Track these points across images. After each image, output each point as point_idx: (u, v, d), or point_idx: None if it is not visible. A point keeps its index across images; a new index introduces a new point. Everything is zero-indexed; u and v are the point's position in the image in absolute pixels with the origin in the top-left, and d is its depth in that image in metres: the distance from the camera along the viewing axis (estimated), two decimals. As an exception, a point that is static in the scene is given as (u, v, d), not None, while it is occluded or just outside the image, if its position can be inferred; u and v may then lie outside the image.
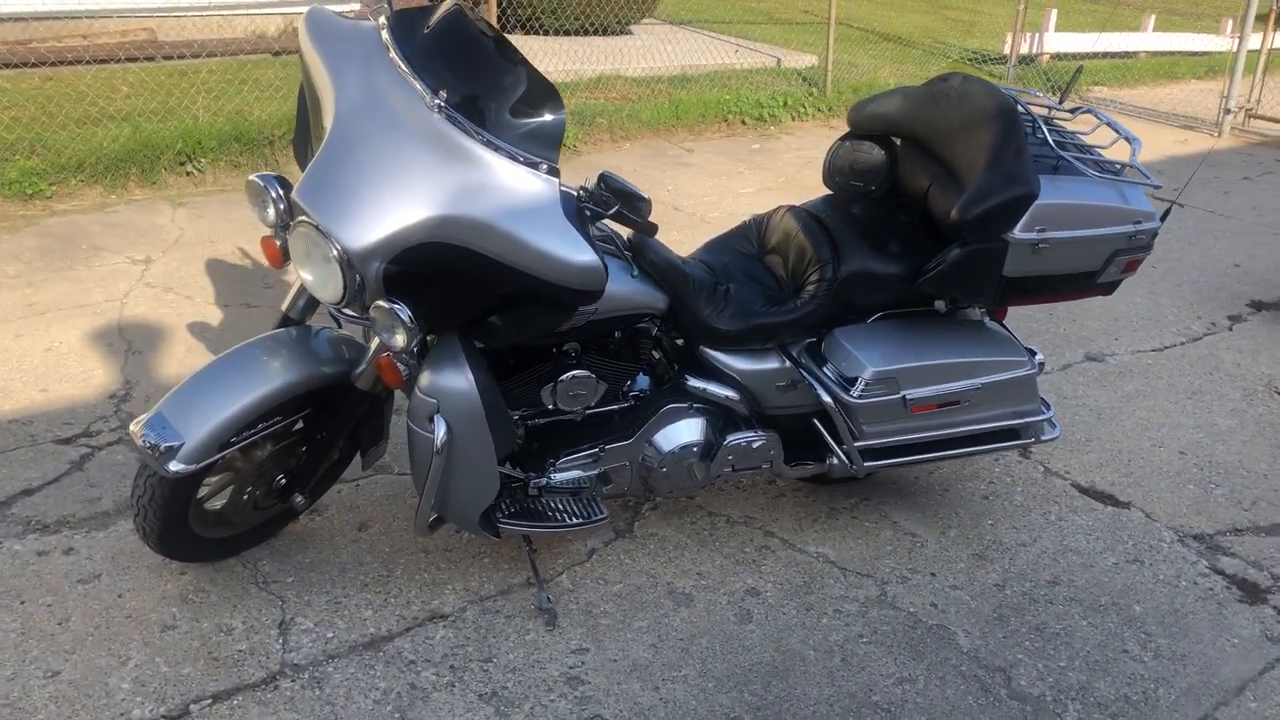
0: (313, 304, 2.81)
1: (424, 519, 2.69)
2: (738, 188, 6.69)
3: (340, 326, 2.94)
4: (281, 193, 2.57)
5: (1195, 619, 2.99)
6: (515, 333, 2.57)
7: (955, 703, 2.63)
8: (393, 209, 2.32)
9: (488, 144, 2.36)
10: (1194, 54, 12.46)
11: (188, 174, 6.02)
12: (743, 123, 8.22)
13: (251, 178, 2.59)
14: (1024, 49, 10.47)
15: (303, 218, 2.38)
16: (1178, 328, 5.00)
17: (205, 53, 7.53)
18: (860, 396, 2.86)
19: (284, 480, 2.80)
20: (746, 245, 3.16)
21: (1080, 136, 3.09)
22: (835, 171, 3.18)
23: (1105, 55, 11.53)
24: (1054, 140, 2.93)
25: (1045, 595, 3.04)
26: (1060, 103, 3.21)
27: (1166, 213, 3.06)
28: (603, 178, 2.45)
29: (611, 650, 2.72)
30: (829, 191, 3.20)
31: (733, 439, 2.97)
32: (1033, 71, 10.49)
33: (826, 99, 8.81)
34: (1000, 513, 3.42)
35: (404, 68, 2.44)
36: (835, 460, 3.08)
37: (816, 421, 3.04)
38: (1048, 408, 3.15)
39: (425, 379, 2.54)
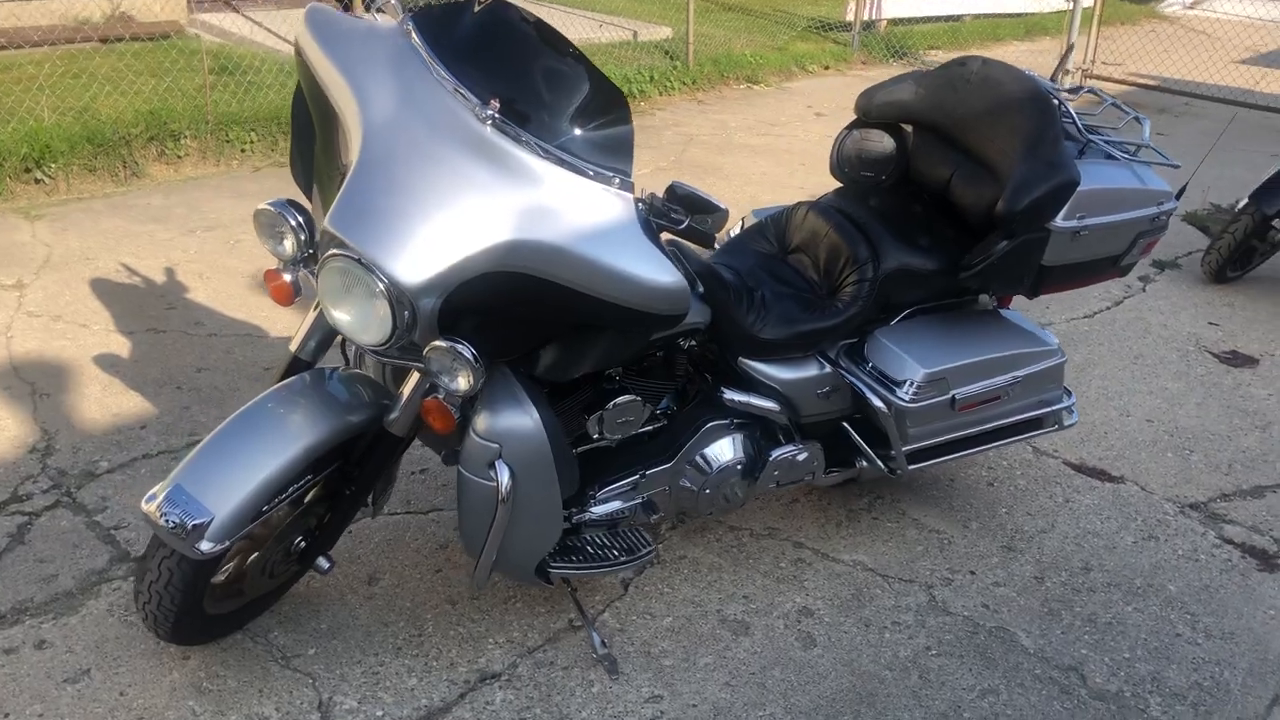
0: (325, 344, 2.49)
1: (484, 575, 2.42)
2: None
3: (349, 365, 2.62)
4: (300, 221, 2.24)
5: (1226, 593, 3.02)
6: (582, 364, 2.33)
7: (1043, 709, 2.56)
8: (450, 237, 2.04)
9: (552, 157, 2.10)
10: (1013, 15, 12.92)
11: (36, 181, 5.39)
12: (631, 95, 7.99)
13: (263, 206, 2.24)
14: (865, 15, 10.60)
15: (337, 251, 2.06)
16: (1098, 292, 5.10)
17: (23, 42, 6.77)
18: (913, 399, 2.74)
19: (303, 543, 2.47)
20: (765, 245, 2.99)
21: (1087, 117, 3.05)
22: (844, 162, 3.04)
23: (936, 19, 11.81)
24: (1082, 124, 2.87)
25: (1084, 584, 3.01)
26: (1054, 80, 3.16)
27: (1182, 190, 3.05)
28: (672, 188, 2.22)
29: (686, 694, 2.53)
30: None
31: (778, 453, 2.81)
32: (875, 38, 10.65)
33: (690, 71, 8.68)
34: (1010, 499, 3.38)
35: (443, 73, 2.15)
36: (865, 464, 2.97)
37: (847, 425, 2.92)
38: (1069, 394, 3.11)
39: (483, 422, 2.27)
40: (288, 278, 2.33)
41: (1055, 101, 2.81)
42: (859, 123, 3.04)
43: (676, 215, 2.19)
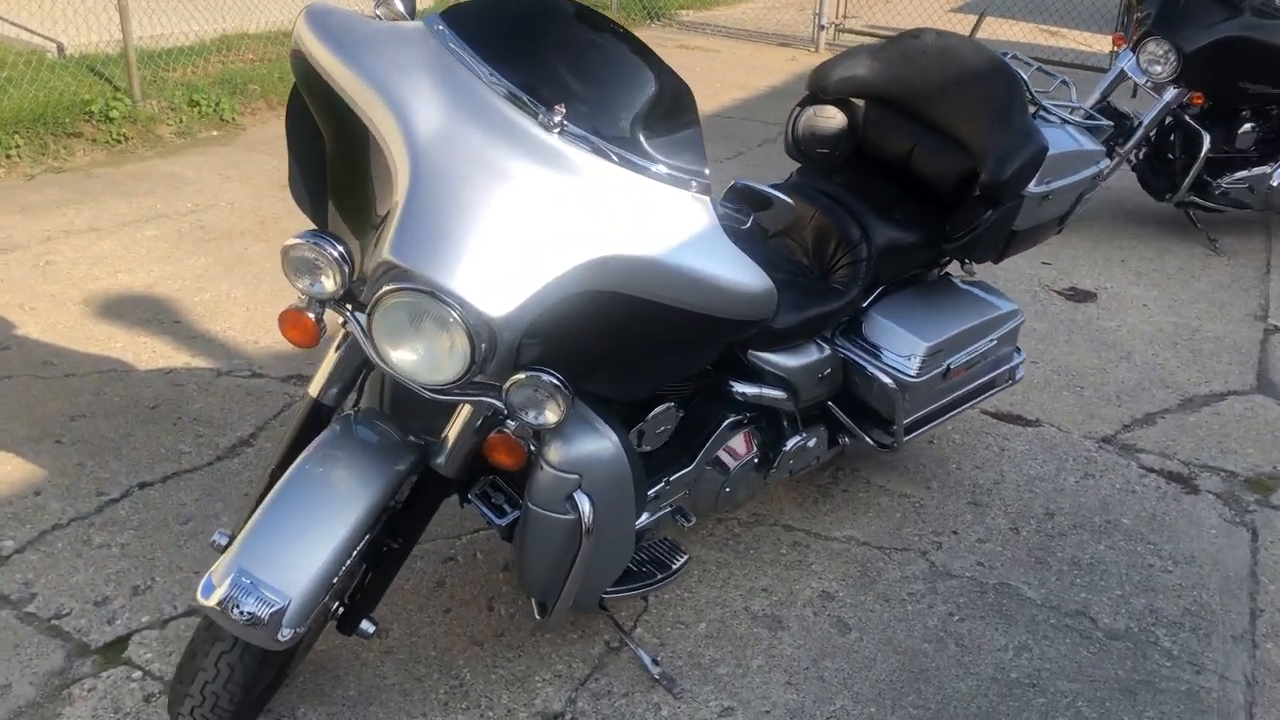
0: (348, 388, 2.22)
1: (562, 613, 2.26)
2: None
3: (358, 404, 2.35)
4: (342, 252, 1.97)
5: (1170, 519, 3.25)
6: (657, 379, 2.20)
7: (1074, 658, 2.67)
8: (529, 260, 1.85)
9: (627, 164, 1.95)
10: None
11: None
12: (394, 75, 7.60)
13: (294, 240, 1.95)
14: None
15: (401, 285, 1.83)
16: (938, 242, 5.34)
17: None
18: (919, 373, 2.76)
19: (341, 609, 2.22)
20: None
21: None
22: (800, 140, 3.01)
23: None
24: (1035, 91, 2.97)
25: (1053, 529, 3.17)
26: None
27: (1111, 149, 3.22)
28: (734, 188, 2.11)
29: (754, 702, 2.47)
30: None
31: (791, 442, 2.77)
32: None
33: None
34: (956, 455, 3.50)
35: (494, 77, 1.94)
36: (847, 441, 2.99)
37: (833, 405, 2.92)
38: (1019, 351, 3.24)
39: (557, 453, 2.10)
40: (311, 316, 2.05)
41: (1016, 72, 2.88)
42: (811, 99, 3.01)
43: (740, 215, 2.09)
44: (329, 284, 1.97)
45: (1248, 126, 5.49)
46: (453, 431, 2.10)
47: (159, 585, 2.66)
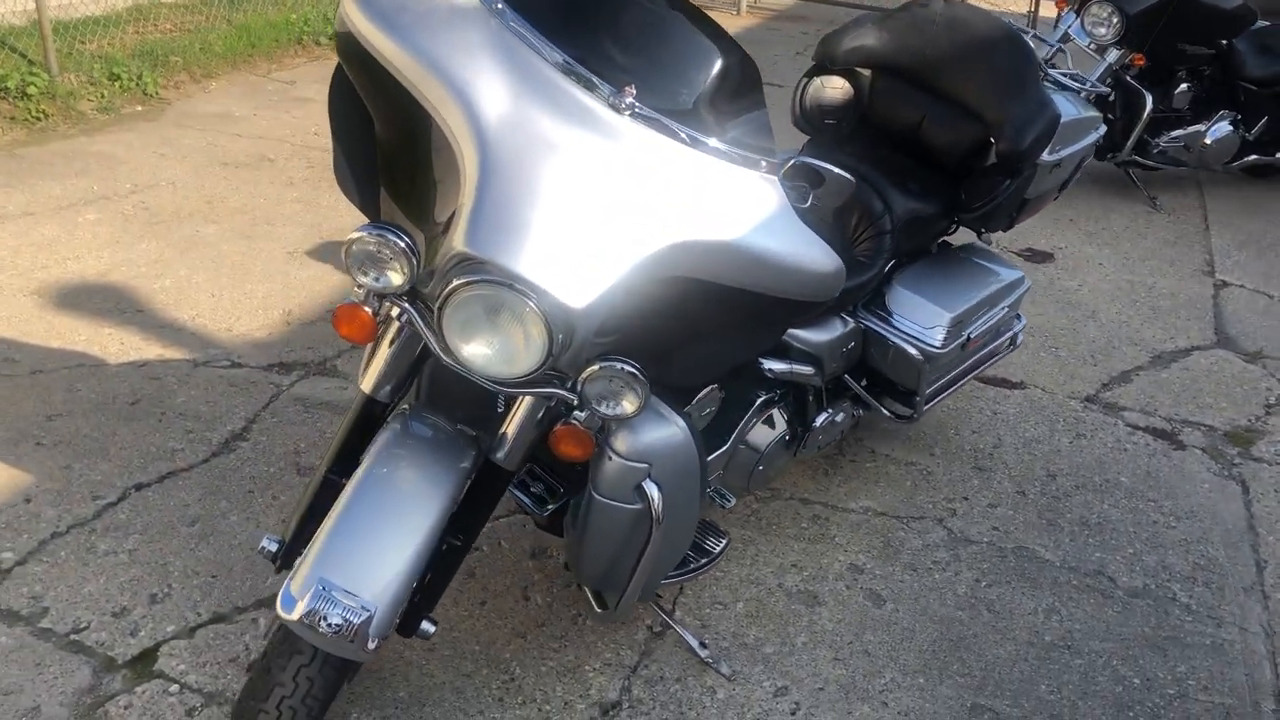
0: (402, 385, 2.12)
1: (630, 604, 2.22)
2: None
3: (392, 399, 2.24)
4: (409, 244, 1.87)
5: (1164, 475, 3.35)
6: (722, 365, 2.16)
7: (1100, 617, 2.73)
8: (606, 247, 1.80)
9: (700, 145, 1.90)
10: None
11: None
12: (317, 43, 7.36)
13: (357, 234, 1.84)
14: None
15: (478, 277, 1.76)
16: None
17: None
18: (943, 344, 2.77)
19: (402, 609, 2.14)
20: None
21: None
22: (806, 112, 2.99)
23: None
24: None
25: (1058, 490, 3.23)
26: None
27: (1104, 117, 3.27)
28: (795, 166, 2.07)
29: (806, 679, 2.47)
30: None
31: (820, 418, 2.77)
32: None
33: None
34: (953, 421, 3.54)
35: (560, 57, 1.87)
36: (862, 413, 3.00)
37: (849, 378, 2.92)
38: (1020, 317, 3.28)
39: (624, 442, 2.05)
40: (370, 310, 1.96)
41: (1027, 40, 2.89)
42: (818, 69, 2.98)
43: (802, 191, 2.06)
44: (395, 277, 1.88)
45: (1183, 87, 5.64)
46: (513, 424, 2.04)
47: (177, 592, 2.54)
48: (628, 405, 1.92)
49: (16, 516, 2.73)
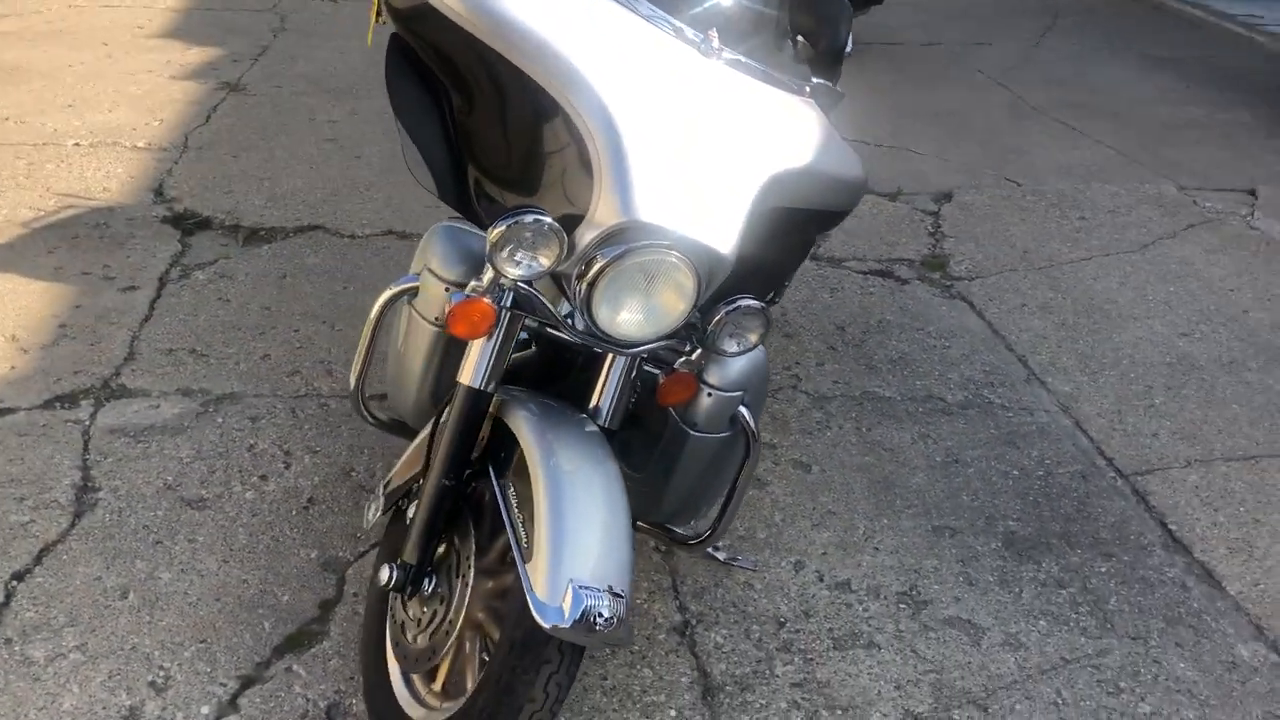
0: (501, 371, 2.00)
1: (726, 528, 2.30)
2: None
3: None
4: (555, 224, 1.78)
5: (912, 307, 3.95)
6: (782, 284, 2.28)
7: (956, 430, 3.25)
8: (732, 192, 1.91)
9: (772, 80, 2.04)
10: None
11: None
12: None
13: (513, 221, 1.73)
14: None
15: (645, 242, 1.77)
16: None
17: None
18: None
19: None
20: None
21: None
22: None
23: None
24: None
25: (854, 338, 3.71)
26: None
27: None
28: (815, 87, 2.23)
29: (807, 548, 2.73)
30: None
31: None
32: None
33: None
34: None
35: (650, 11, 1.88)
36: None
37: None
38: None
39: (719, 375, 2.12)
40: (491, 301, 1.86)
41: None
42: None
43: (825, 109, 2.24)
44: (546, 260, 1.79)
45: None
46: (607, 387, 2.05)
47: (176, 672, 2.22)
48: (753, 338, 2.00)
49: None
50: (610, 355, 2.01)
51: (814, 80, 2.20)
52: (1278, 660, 2.51)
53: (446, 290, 2.02)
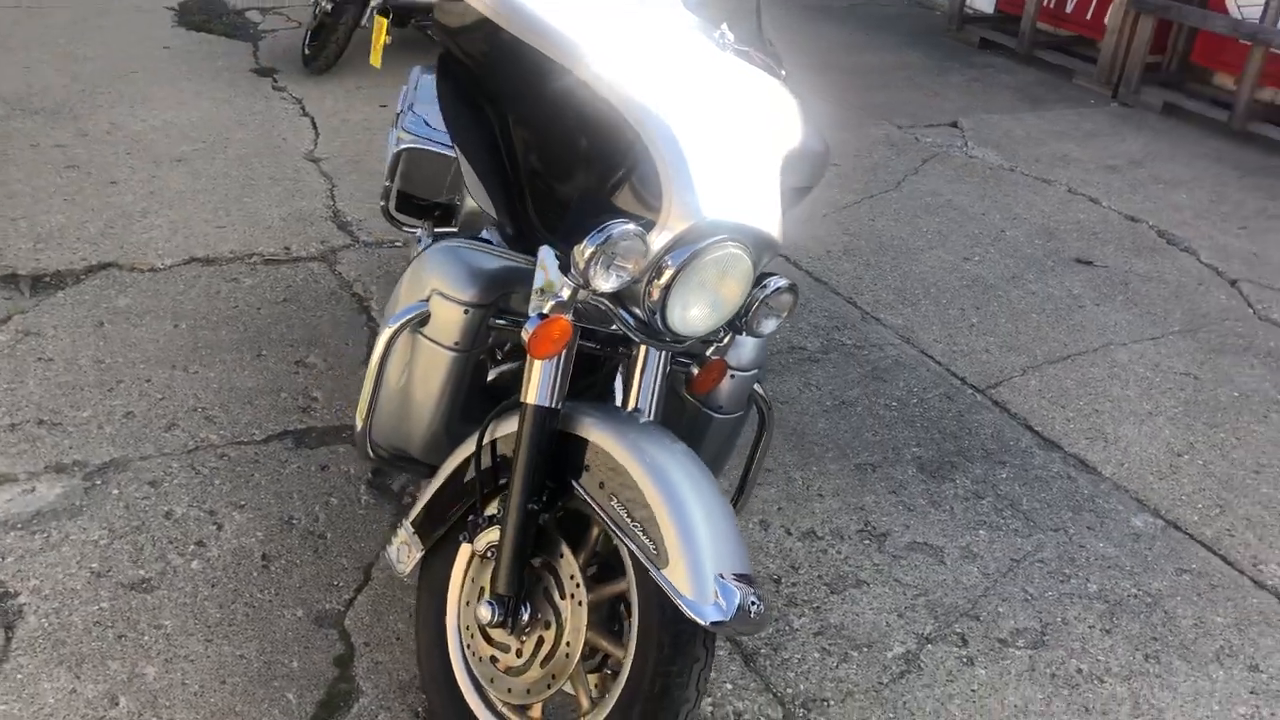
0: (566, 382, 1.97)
1: (748, 499, 2.38)
2: None
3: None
4: (641, 229, 1.78)
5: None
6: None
7: (830, 374, 3.50)
8: (767, 176, 2.01)
9: (768, 67, 2.14)
10: None
11: None
12: None
13: (616, 231, 1.72)
14: None
15: (712, 240, 1.84)
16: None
17: None
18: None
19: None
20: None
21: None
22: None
23: None
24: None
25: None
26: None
27: None
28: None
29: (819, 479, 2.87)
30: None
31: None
32: None
33: None
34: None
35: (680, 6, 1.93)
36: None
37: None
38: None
39: (737, 357, 2.21)
40: (569, 318, 1.84)
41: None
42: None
43: None
44: (635, 267, 1.80)
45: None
46: (645, 381, 2.08)
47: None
48: (785, 314, 2.10)
49: None
50: (644, 351, 2.03)
51: (761, 56, 2.30)
52: (1165, 524, 2.93)
53: (466, 312, 1.98)
